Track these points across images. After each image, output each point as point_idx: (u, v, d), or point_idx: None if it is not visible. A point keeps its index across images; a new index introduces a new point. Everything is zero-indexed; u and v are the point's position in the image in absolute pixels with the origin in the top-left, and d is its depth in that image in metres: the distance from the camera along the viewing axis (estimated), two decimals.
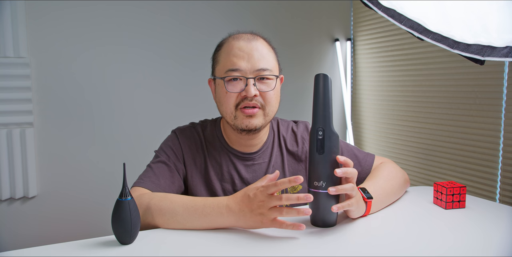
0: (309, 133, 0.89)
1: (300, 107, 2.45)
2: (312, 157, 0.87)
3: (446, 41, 1.31)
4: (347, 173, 0.84)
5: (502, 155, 1.61)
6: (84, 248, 0.79)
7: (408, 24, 1.40)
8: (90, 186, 2.03)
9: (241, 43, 1.00)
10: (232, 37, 1.04)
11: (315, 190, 0.86)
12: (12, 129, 1.86)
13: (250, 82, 0.98)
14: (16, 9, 1.81)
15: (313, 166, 0.87)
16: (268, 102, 1.01)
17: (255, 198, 0.82)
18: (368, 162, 1.14)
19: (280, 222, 0.82)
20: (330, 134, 0.85)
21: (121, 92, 2.06)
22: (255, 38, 1.03)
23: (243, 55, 0.99)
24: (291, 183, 0.81)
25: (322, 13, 2.48)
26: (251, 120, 1.00)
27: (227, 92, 0.99)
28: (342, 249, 0.78)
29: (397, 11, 1.45)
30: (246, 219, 0.84)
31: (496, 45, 1.19)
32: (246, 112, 0.99)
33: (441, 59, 1.87)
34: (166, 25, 2.12)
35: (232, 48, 1.01)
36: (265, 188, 0.82)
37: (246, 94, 0.98)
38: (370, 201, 0.93)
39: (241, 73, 0.99)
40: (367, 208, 0.94)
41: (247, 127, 1.01)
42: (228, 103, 1.00)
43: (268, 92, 1.01)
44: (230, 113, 1.01)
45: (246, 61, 0.99)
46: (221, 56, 1.03)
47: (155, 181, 1.00)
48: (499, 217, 0.96)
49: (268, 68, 1.00)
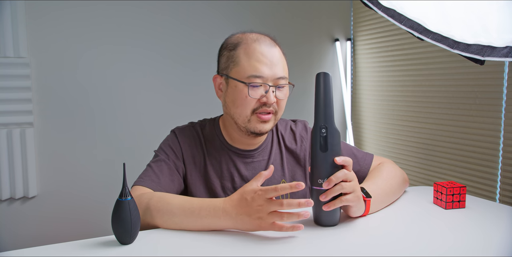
0: (311, 131, 0.88)
1: (300, 107, 2.45)
2: (315, 155, 0.87)
3: (446, 41, 1.31)
4: (347, 162, 0.86)
5: (502, 155, 1.61)
6: (84, 248, 0.79)
7: (408, 24, 1.40)
8: (90, 186, 2.03)
9: (263, 48, 1.00)
10: (251, 39, 1.02)
11: (318, 187, 0.86)
12: (12, 129, 1.86)
13: (271, 89, 0.99)
14: (16, 9, 1.81)
15: (316, 164, 0.86)
16: (280, 108, 1.04)
17: (253, 202, 0.81)
18: (367, 161, 1.15)
19: (280, 226, 0.81)
20: (333, 131, 0.86)
21: (121, 92, 2.07)
22: (274, 44, 1.03)
23: (266, 61, 0.99)
24: (292, 189, 0.79)
25: (322, 13, 2.48)
26: (265, 125, 1.02)
27: (247, 96, 1.00)
28: (342, 249, 0.78)
29: (397, 11, 1.45)
30: (243, 223, 0.83)
31: (496, 45, 1.19)
32: (263, 118, 1.01)
33: (441, 59, 1.87)
34: (166, 25, 2.12)
35: (254, 52, 1.00)
36: (263, 192, 0.80)
37: (267, 101, 0.99)
38: (369, 200, 0.93)
39: (263, 80, 0.99)
40: (367, 207, 0.94)
41: (260, 131, 1.02)
42: (246, 107, 1.01)
43: (283, 100, 1.03)
44: (245, 117, 1.01)
45: (269, 68, 0.99)
46: (239, 58, 1.01)
47: (155, 180, 1.00)
48: (499, 217, 0.96)
49: (285, 76, 1.03)
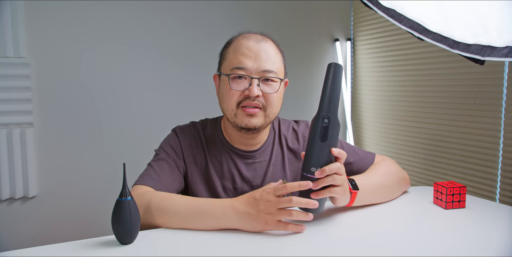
0: (312, 120, 0.87)
1: (300, 107, 2.45)
2: (313, 143, 0.85)
3: (446, 41, 1.31)
4: (342, 154, 0.86)
5: (502, 155, 1.61)
6: (84, 248, 0.79)
7: (408, 24, 1.40)
8: (90, 186, 2.03)
9: (250, 43, 1.01)
10: (242, 36, 1.04)
11: (310, 175, 0.85)
12: (12, 129, 1.86)
13: (254, 82, 0.99)
14: (16, 9, 1.81)
15: (312, 152, 0.85)
16: (270, 103, 1.02)
17: (261, 199, 0.83)
18: (368, 160, 1.15)
19: (285, 225, 0.84)
20: (335, 123, 0.85)
21: (121, 92, 2.07)
22: (265, 39, 1.03)
23: (250, 54, 1.00)
24: (300, 187, 0.82)
25: (322, 13, 2.48)
26: (251, 119, 1.01)
27: (231, 89, 1.00)
28: (341, 248, 0.78)
29: (397, 11, 1.45)
30: (250, 219, 0.84)
31: (496, 45, 1.19)
32: (247, 111, 1.00)
33: (441, 59, 1.87)
34: (167, 25, 2.12)
35: (240, 47, 1.01)
36: (273, 189, 0.83)
37: (249, 94, 0.99)
38: (356, 192, 0.93)
39: (246, 72, 0.99)
40: (351, 199, 0.93)
41: (247, 126, 1.01)
42: (230, 100, 1.01)
43: (271, 94, 1.01)
44: (231, 110, 1.02)
45: (253, 61, 0.99)
46: (228, 53, 1.03)
47: (156, 179, 1.00)
48: (499, 217, 0.96)
49: (274, 70, 1.01)
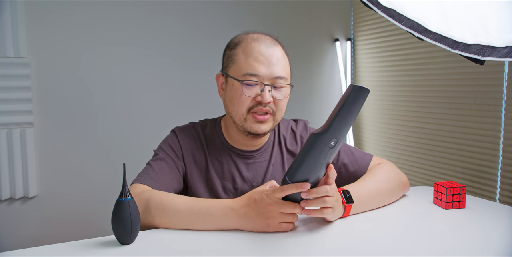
0: (317, 134, 0.81)
1: (300, 107, 2.44)
2: (309, 159, 0.81)
3: (446, 41, 1.31)
4: (332, 174, 0.86)
5: (502, 155, 1.61)
6: (84, 248, 0.79)
7: (408, 24, 1.40)
8: (90, 186, 2.03)
9: (262, 47, 1.00)
10: (251, 38, 1.02)
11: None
12: (12, 129, 1.86)
13: (266, 88, 0.98)
14: (16, 9, 1.81)
15: (308, 167, 0.82)
16: (279, 109, 1.02)
17: (261, 202, 0.83)
18: (365, 162, 1.13)
19: (287, 226, 0.85)
20: (340, 146, 0.84)
21: (121, 92, 2.06)
22: (275, 44, 1.02)
23: (263, 60, 0.98)
24: (298, 189, 0.81)
25: (322, 13, 2.48)
26: (261, 125, 1.01)
27: (242, 95, 0.99)
28: (341, 249, 0.78)
29: (397, 11, 1.44)
30: (251, 222, 0.84)
31: (496, 45, 1.19)
32: (258, 118, 1.00)
33: (441, 59, 1.87)
34: (167, 25, 2.12)
35: (252, 51, 0.99)
36: (271, 192, 0.83)
37: (262, 101, 0.98)
38: (350, 206, 0.93)
39: (259, 78, 0.98)
40: (346, 211, 0.93)
41: (256, 132, 1.01)
42: (241, 106, 1.00)
43: (281, 100, 1.02)
44: (241, 115, 1.01)
45: (266, 67, 0.98)
46: (239, 56, 1.01)
47: (155, 178, 1.00)
48: (499, 217, 0.96)
49: (284, 76, 1.01)
